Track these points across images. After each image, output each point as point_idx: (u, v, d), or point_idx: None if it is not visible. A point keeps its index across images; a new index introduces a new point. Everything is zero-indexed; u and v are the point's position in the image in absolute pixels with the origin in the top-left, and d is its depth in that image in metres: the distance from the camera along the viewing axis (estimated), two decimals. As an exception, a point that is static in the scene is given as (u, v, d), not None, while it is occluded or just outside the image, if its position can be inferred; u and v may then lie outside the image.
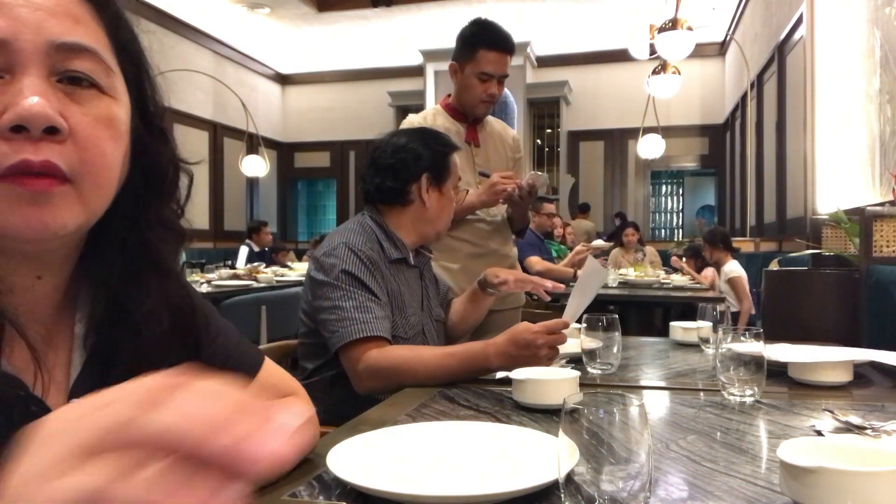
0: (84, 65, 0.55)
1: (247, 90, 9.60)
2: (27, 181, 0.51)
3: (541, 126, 9.71)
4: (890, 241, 2.28)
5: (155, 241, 0.63)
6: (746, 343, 1.08)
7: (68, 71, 0.54)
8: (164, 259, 0.64)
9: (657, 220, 11.42)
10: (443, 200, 1.60)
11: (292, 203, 11.61)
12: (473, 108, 2.19)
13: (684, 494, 0.71)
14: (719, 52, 9.35)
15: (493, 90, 2.14)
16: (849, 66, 4.01)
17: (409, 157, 1.55)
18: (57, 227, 0.53)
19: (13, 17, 0.52)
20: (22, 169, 0.51)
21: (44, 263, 0.59)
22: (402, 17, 8.51)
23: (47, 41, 0.53)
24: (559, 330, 1.24)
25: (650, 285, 4.57)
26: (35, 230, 0.52)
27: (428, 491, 0.69)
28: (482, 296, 1.67)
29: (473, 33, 2.15)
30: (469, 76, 2.13)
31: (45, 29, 0.53)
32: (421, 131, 1.65)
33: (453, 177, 1.62)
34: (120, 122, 0.57)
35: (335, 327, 1.36)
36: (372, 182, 1.58)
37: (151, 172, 0.62)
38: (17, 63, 0.52)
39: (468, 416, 1.04)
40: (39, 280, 0.59)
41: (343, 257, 1.42)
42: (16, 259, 0.56)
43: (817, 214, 4.41)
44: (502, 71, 2.15)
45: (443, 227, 1.64)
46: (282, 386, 0.82)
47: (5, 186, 0.51)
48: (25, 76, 0.52)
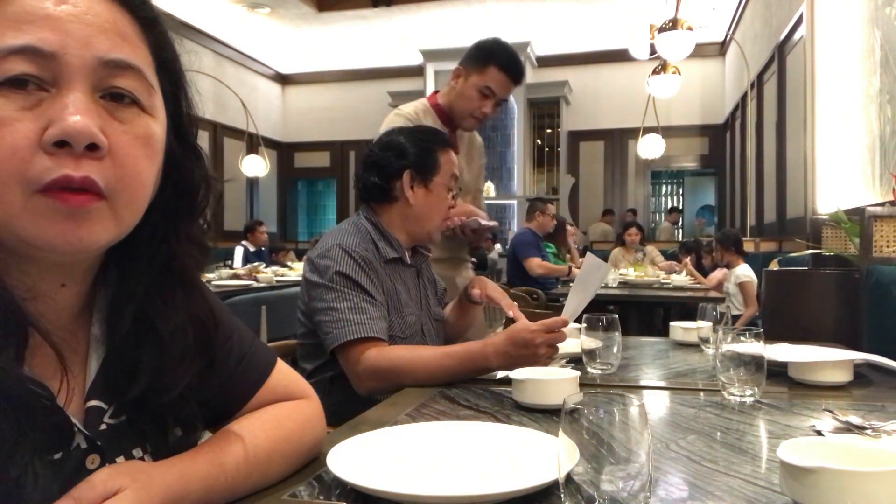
0: (127, 82, 0.56)
1: (247, 90, 9.60)
2: (67, 196, 0.52)
3: (541, 126, 9.71)
4: (890, 241, 2.28)
5: (182, 256, 0.64)
6: (746, 343, 1.08)
7: (112, 88, 0.55)
8: (190, 274, 0.66)
9: (657, 220, 11.43)
10: (430, 198, 1.55)
11: (292, 203, 11.61)
12: (462, 118, 2.13)
13: (684, 494, 0.71)
14: (719, 52, 9.35)
15: (487, 109, 2.09)
16: (849, 66, 4.01)
17: (392, 153, 1.55)
18: (90, 243, 0.55)
19: (63, 32, 0.53)
20: (62, 184, 0.52)
21: (69, 272, 0.60)
22: (402, 17, 8.50)
23: (95, 57, 0.54)
24: (558, 328, 1.24)
25: (650, 285, 4.57)
26: (70, 244, 0.54)
27: (428, 491, 0.69)
28: (468, 305, 1.66)
29: (493, 49, 2.10)
30: (472, 86, 2.08)
31: (94, 45, 0.54)
32: (416, 129, 1.64)
33: (443, 174, 1.57)
34: (156, 141, 0.59)
35: (330, 328, 1.36)
36: (361, 179, 1.59)
37: (183, 188, 0.63)
38: (63, 77, 0.53)
39: (468, 416, 1.04)
40: (63, 288, 0.60)
41: (337, 258, 1.41)
42: (43, 268, 0.57)
43: (817, 214, 4.41)
44: (504, 95, 2.11)
45: (433, 227, 1.59)
46: (292, 388, 0.82)
47: (45, 201, 0.52)
48: (71, 91, 0.53)
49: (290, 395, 0.80)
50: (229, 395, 0.75)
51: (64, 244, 0.53)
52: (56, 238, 0.53)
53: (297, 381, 0.84)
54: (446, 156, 1.59)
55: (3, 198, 0.51)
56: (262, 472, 0.71)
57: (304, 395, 0.83)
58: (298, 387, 0.83)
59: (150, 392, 0.62)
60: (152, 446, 0.65)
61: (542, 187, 9.83)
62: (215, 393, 0.72)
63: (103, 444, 0.60)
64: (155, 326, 0.62)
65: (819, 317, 2.76)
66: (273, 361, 0.81)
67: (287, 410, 0.78)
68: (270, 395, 0.78)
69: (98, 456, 0.59)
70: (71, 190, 0.52)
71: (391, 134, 1.61)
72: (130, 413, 0.63)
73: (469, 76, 2.09)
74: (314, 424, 0.80)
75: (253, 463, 0.69)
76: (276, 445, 0.72)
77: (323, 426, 0.83)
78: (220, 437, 0.70)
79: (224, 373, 0.73)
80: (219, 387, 0.72)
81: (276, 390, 0.79)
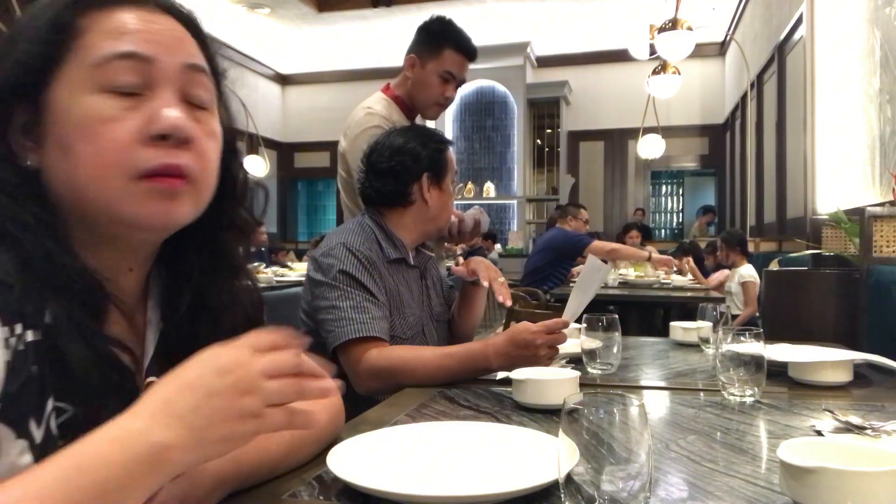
0: (202, 90, 0.67)
1: (247, 90, 9.61)
2: (165, 180, 0.62)
3: (541, 126, 9.69)
4: (890, 241, 2.28)
5: (228, 241, 0.74)
6: (746, 343, 1.08)
7: (191, 96, 0.66)
8: (236, 257, 0.74)
9: (657, 221, 11.43)
10: (443, 197, 1.61)
11: (292, 203, 11.61)
12: (426, 107, 2.11)
13: (684, 494, 0.71)
14: (719, 52, 9.34)
15: (450, 93, 2.08)
16: (849, 66, 4.00)
17: (407, 158, 1.55)
18: (178, 218, 0.65)
19: (155, 42, 0.64)
20: (164, 171, 0.62)
21: (138, 257, 0.69)
22: (402, 17, 8.50)
23: (181, 62, 0.65)
24: (558, 329, 1.24)
25: (650, 285, 4.57)
26: (162, 220, 0.64)
27: (428, 491, 0.69)
28: (471, 289, 1.66)
29: (444, 31, 2.07)
30: (430, 73, 2.04)
31: (179, 52, 0.65)
32: (415, 130, 1.64)
33: (451, 171, 1.63)
34: (219, 137, 0.70)
35: (332, 327, 1.37)
36: (371, 186, 1.58)
37: (227, 178, 0.72)
38: (156, 80, 0.63)
39: (468, 416, 1.04)
40: (130, 273, 0.69)
41: (341, 257, 1.42)
42: (120, 252, 0.67)
43: (817, 214, 4.41)
44: (463, 75, 2.09)
45: (444, 223, 1.65)
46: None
47: (145, 184, 0.62)
48: (165, 93, 0.63)
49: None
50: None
51: (157, 220, 0.64)
52: (153, 215, 0.63)
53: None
54: (449, 153, 1.63)
55: (108, 184, 0.61)
56: (300, 445, 0.75)
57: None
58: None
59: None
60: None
61: (542, 187, 9.83)
62: None
63: None
64: (207, 304, 0.71)
65: (819, 317, 2.76)
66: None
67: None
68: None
69: None
70: (168, 175, 0.62)
71: (394, 137, 1.60)
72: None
73: (425, 63, 2.04)
74: (338, 412, 0.85)
75: (287, 437, 0.73)
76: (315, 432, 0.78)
77: (343, 416, 0.87)
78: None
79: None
80: None
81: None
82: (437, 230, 1.64)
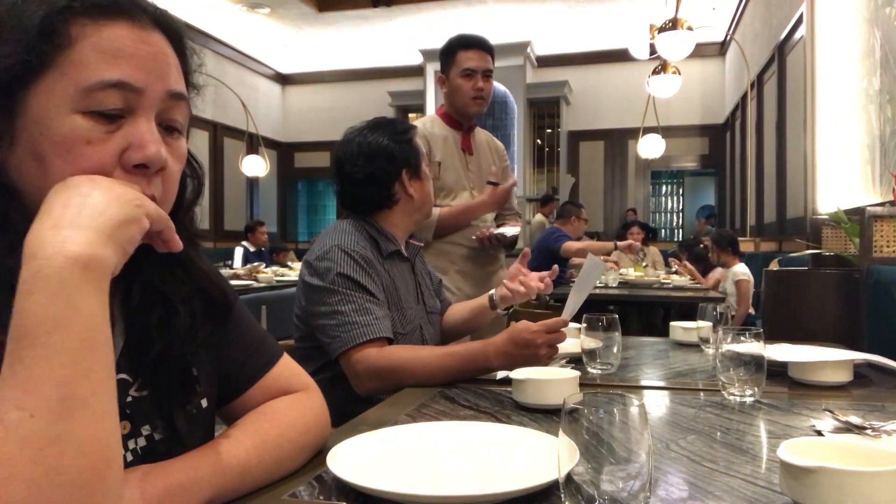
0: (179, 115, 0.68)
1: (247, 90, 9.60)
2: None
3: (541, 126, 9.69)
4: (890, 241, 2.28)
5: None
6: (746, 343, 1.08)
7: (169, 121, 0.67)
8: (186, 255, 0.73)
9: (657, 220, 11.42)
10: (425, 184, 1.61)
11: (292, 203, 11.61)
12: (466, 108, 2.28)
13: (684, 494, 0.71)
14: (719, 52, 9.34)
15: (480, 84, 2.25)
16: (849, 66, 4.01)
17: (382, 160, 1.51)
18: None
19: (146, 70, 0.63)
20: None
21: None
22: (402, 17, 8.50)
23: (165, 89, 0.65)
24: (558, 329, 1.24)
25: (650, 285, 4.57)
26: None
27: (428, 491, 0.69)
28: (489, 311, 1.65)
29: (450, 43, 2.31)
30: (454, 78, 2.26)
31: (165, 79, 0.65)
32: (378, 126, 1.57)
33: (425, 157, 1.64)
34: (185, 158, 0.70)
35: (336, 332, 1.35)
36: (353, 196, 1.55)
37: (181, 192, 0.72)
38: (140, 106, 0.63)
39: (468, 416, 1.04)
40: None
41: (337, 260, 1.40)
42: None
43: (817, 214, 4.41)
44: (484, 65, 2.27)
45: (430, 207, 1.69)
46: (294, 381, 0.86)
47: None
48: (145, 119, 0.63)
49: (292, 386, 0.85)
50: (241, 374, 0.82)
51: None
52: None
53: (299, 375, 0.88)
54: (416, 139, 1.60)
55: None
56: (274, 456, 0.74)
57: (306, 387, 0.87)
58: (300, 380, 0.87)
59: (167, 353, 0.69)
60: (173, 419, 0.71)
61: (543, 187, 9.82)
62: (232, 369, 0.80)
63: (131, 413, 0.68)
64: (163, 294, 0.70)
65: (819, 317, 2.76)
66: (280, 353, 0.87)
67: (287, 402, 0.82)
68: (274, 383, 0.83)
69: (128, 422, 0.67)
70: None
71: (360, 142, 1.54)
72: (152, 386, 0.70)
73: (448, 74, 2.30)
74: (316, 413, 0.84)
75: (262, 448, 0.73)
76: (283, 431, 0.77)
77: (326, 416, 0.86)
78: (227, 431, 0.75)
79: (240, 351, 0.82)
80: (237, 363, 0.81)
81: (279, 380, 0.84)
82: (424, 216, 1.66)
